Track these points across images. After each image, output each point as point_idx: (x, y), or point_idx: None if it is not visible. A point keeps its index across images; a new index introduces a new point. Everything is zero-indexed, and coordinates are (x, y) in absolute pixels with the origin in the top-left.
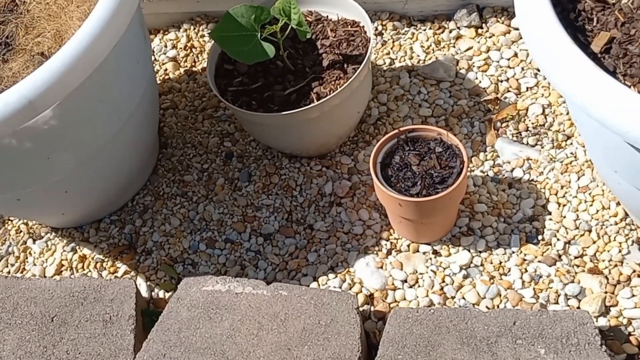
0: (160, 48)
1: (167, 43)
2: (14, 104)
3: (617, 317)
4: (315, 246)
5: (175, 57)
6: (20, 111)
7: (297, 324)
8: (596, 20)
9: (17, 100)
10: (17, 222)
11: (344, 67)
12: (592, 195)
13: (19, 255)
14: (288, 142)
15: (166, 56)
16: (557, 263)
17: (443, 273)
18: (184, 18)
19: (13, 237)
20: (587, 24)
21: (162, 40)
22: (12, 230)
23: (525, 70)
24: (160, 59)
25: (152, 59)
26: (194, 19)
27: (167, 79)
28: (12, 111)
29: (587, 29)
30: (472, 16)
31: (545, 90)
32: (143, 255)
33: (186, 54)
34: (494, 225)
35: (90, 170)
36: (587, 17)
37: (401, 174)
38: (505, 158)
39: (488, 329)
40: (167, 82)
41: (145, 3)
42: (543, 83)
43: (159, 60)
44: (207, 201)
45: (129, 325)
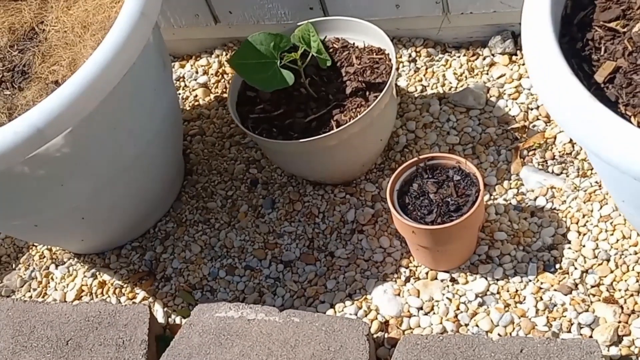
0: (191, 74)
1: (198, 69)
2: (23, 133)
3: (629, 347)
4: (334, 273)
5: (206, 83)
6: (30, 140)
7: (307, 350)
8: (604, 50)
9: (27, 129)
10: (41, 248)
11: (366, 95)
12: (613, 225)
13: (41, 280)
14: (309, 169)
15: (197, 82)
16: (572, 292)
17: (458, 300)
18: (216, 44)
19: (37, 262)
20: (594, 54)
21: (194, 66)
22: (36, 256)
23: None
24: (190, 85)
25: (183, 84)
26: (226, 44)
27: (196, 105)
28: (21, 140)
29: (593, 58)
30: (506, 43)
31: None
32: (162, 281)
33: (217, 80)
34: (512, 254)
35: (107, 197)
36: (595, 46)
37: (418, 202)
38: (530, 186)
39: (495, 356)
40: (197, 108)
41: (177, 29)
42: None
43: (189, 87)
44: (230, 228)
45: (140, 350)
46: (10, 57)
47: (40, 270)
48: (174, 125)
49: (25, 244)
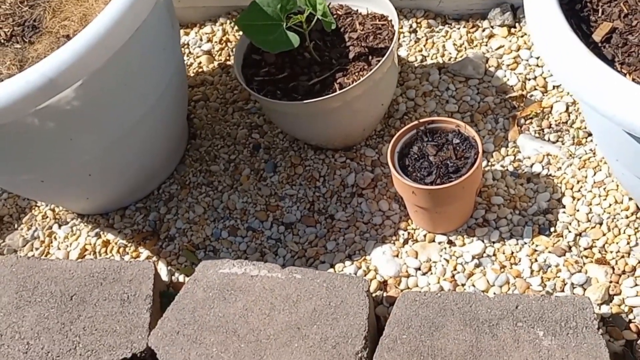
0: (195, 41)
1: (202, 36)
2: (34, 82)
3: (619, 305)
4: (334, 235)
5: (210, 51)
6: (41, 89)
7: (308, 305)
8: (601, 12)
9: (39, 78)
10: (44, 208)
11: (369, 60)
12: (606, 190)
13: (44, 239)
14: (311, 132)
15: (201, 49)
16: (566, 254)
17: (455, 262)
18: (220, 12)
19: (39, 222)
20: (592, 15)
21: (198, 33)
22: (39, 216)
23: None
24: (194, 52)
25: (187, 52)
26: (230, 13)
27: (200, 72)
28: (33, 89)
29: (591, 19)
30: (505, 15)
31: None
32: (166, 241)
33: (221, 47)
34: (508, 217)
35: (114, 154)
36: (593, 8)
37: (418, 164)
38: (526, 154)
39: (491, 312)
40: (200, 74)
41: None
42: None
43: (194, 54)
44: (232, 191)
45: (145, 305)
46: (20, 12)
47: (43, 230)
48: (180, 86)
49: (28, 204)
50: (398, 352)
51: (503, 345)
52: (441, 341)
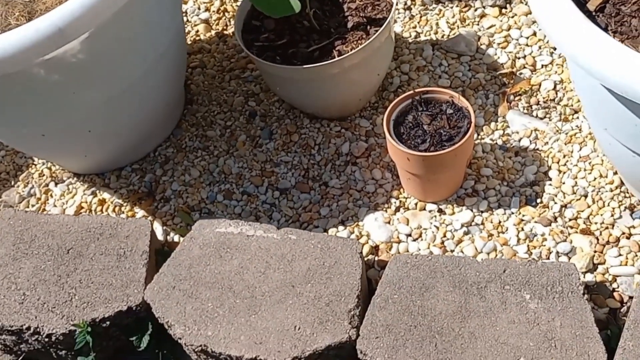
0: (193, 10)
1: (200, 5)
2: (44, 30)
3: (604, 274)
4: (328, 201)
5: (208, 20)
6: (51, 38)
7: (303, 264)
8: None
9: (48, 27)
10: (41, 167)
11: (367, 29)
12: (591, 165)
13: (40, 197)
14: (309, 99)
15: (199, 18)
16: (552, 224)
17: (445, 229)
18: None
19: (36, 180)
20: None
21: (196, 2)
22: (36, 174)
23: (542, 49)
24: (192, 20)
25: (185, 19)
26: None
27: (197, 40)
28: (42, 37)
29: None
30: None
31: (559, 67)
32: (161, 202)
33: (218, 17)
34: (497, 188)
35: (114, 111)
36: None
37: (412, 132)
38: (515, 128)
39: (479, 275)
40: (198, 42)
41: None
42: (557, 61)
43: (191, 22)
44: (228, 155)
45: (142, 260)
46: None
47: (39, 187)
48: (179, 48)
49: (25, 161)
50: (389, 310)
51: (491, 306)
52: (431, 301)
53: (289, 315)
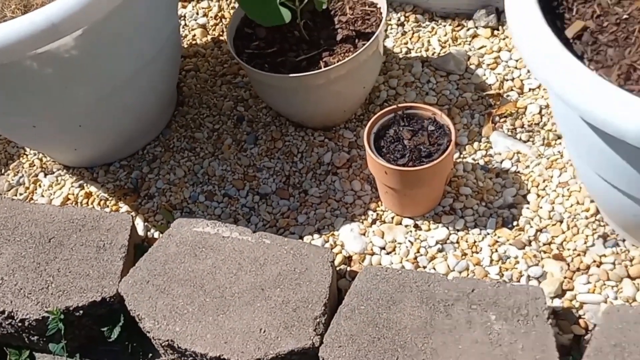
0: (192, 14)
1: (199, 10)
2: (39, 24)
3: (571, 301)
4: (306, 209)
5: (205, 25)
6: (44, 32)
7: (274, 269)
8: (575, 11)
9: (43, 21)
10: (32, 157)
11: (355, 42)
12: (569, 191)
13: (29, 186)
14: (294, 108)
15: (196, 22)
16: (526, 247)
17: (419, 244)
18: None
19: (26, 169)
20: (566, 13)
21: (195, 7)
22: (26, 164)
23: (530, 73)
24: (190, 25)
25: (183, 23)
26: None
27: (194, 44)
28: (36, 30)
29: (565, 17)
30: (490, 17)
31: (546, 92)
32: (145, 199)
33: (215, 23)
34: (474, 208)
35: (105, 108)
36: (568, 7)
37: (392, 146)
38: (498, 150)
39: (448, 292)
40: (194, 46)
41: None
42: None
43: (189, 26)
44: (213, 158)
45: (120, 253)
46: None
47: (29, 177)
48: (173, 50)
49: (17, 151)
50: (355, 321)
51: (456, 325)
52: (397, 315)
53: (256, 318)
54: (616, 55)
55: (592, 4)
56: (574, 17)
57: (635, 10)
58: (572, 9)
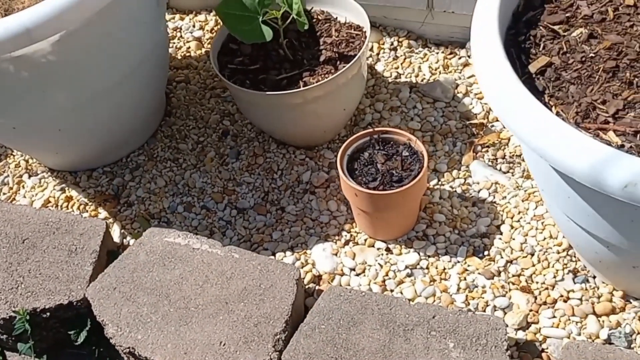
0: (188, 27)
1: (195, 23)
2: (12, 30)
3: (535, 334)
4: (282, 226)
5: (200, 38)
6: (18, 37)
7: (240, 283)
8: (542, 46)
9: (16, 26)
10: (19, 158)
11: (337, 65)
12: (543, 224)
13: (12, 186)
14: (273, 126)
15: (192, 35)
16: (494, 277)
17: (389, 268)
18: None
19: (12, 170)
20: (533, 48)
21: (192, 20)
22: (12, 165)
23: None
24: (185, 37)
25: (179, 35)
26: None
27: (187, 56)
28: (10, 36)
29: (531, 52)
30: None
31: None
32: (124, 206)
33: (211, 36)
34: (447, 235)
35: (84, 114)
36: (536, 42)
37: (365, 169)
38: (476, 179)
39: (408, 317)
40: (187, 58)
41: None
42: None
43: (184, 38)
44: (195, 170)
45: (90, 258)
46: None
47: (13, 177)
48: (158, 62)
49: (4, 151)
50: (314, 339)
51: (413, 350)
52: (356, 336)
53: (217, 331)
54: (577, 93)
55: (560, 40)
56: (540, 52)
57: (602, 50)
58: (540, 44)
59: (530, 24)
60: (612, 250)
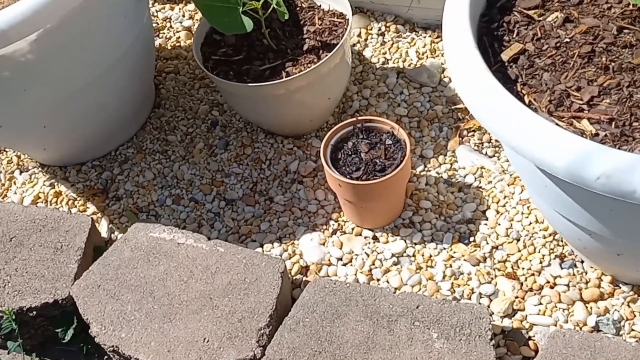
0: (178, 17)
1: (185, 13)
2: None
3: (521, 321)
4: (270, 217)
5: (190, 28)
6: None
7: (225, 277)
8: (516, 33)
9: None
10: (11, 154)
11: (319, 53)
12: (529, 209)
13: (4, 183)
14: (259, 116)
15: (182, 25)
16: (480, 264)
17: (375, 257)
18: None
19: (4, 166)
20: (506, 35)
21: (182, 10)
22: (5, 161)
23: None
24: (175, 27)
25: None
26: None
27: (177, 46)
28: None
29: (505, 39)
30: None
31: None
32: (113, 200)
33: None
34: (433, 222)
35: (68, 110)
36: (509, 29)
37: (349, 159)
38: (462, 164)
39: (392, 308)
40: (177, 49)
41: None
42: None
43: (174, 28)
44: (184, 161)
45: (75, 256)
46: None
47: (5, 174)
48: (141, 55)
49: None
50: (298, 333)
51: (397, 341)
52: (340, 329)
53: (201, 327)
54: (551, 80)
55: (535, 25)
56: (514, 39)
57: (578, 34)
58: (513, 30)
59: (504, 10)
60: (594, 238)
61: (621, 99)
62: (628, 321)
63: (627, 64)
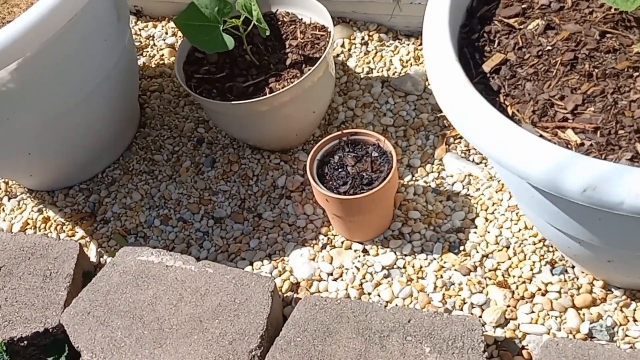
0: (161, 34)
1: (168, 30)
2: None
3: (514, 330)
4: (259, 234)
5: (174, 45)
6: None
7: (214, 299)
8: (497, 43)
9: None
10: None
11: (302, 68)
12: (518, 215)
13: None
14: (244, 133)
15: (165, 42)
16: (471, 273)
17: (366, 270)
18: None
19: None
20: (487, 46)
21: (165, 27)
22: None
23: None
24: (158, 45)
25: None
26: None
27: (161, 64)
28: None
29: (486, 49)
30: None
31: None
32: (101, 223)
33: None
34: (422, 232)
35: (52, 136)
36: (490, 39)
37: (336, 173)
38: (450, 172)
39: (384, 323)
40: (161, 66)
41: None
42: None
43: (157, 46)
44: (171, 181)
45: (65, 283)
46: None
47: None
48: (123, 76)
49: None
50: (290, 353)
51: (390, 357)
52: (332, 347)
53: (192, 351)
54: (534, 90)
55: (516, 34)
56: (495, 49)
57: (560, 41)
58: (494, 40)
59: (484, 20)
60: (584, 247)
61: (606, 107)
62: (621, 327)
63: (610, 69)
